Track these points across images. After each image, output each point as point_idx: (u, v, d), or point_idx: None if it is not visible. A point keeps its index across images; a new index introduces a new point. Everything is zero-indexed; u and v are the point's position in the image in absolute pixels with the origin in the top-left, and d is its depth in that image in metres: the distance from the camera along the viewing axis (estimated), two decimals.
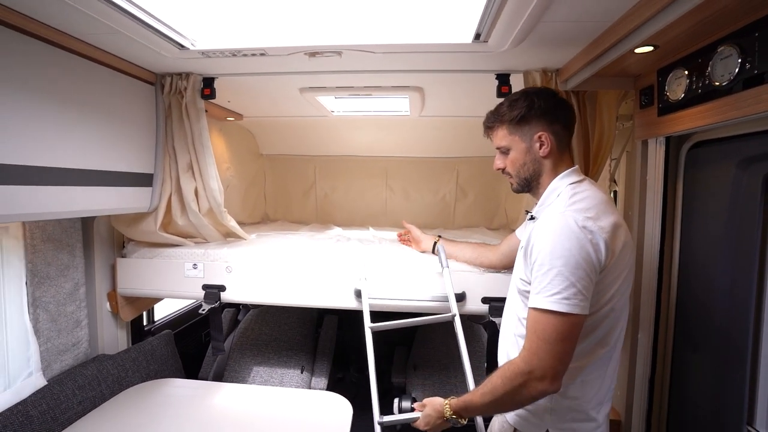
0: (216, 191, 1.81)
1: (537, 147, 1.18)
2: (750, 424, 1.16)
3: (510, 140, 1.22)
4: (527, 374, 1.01)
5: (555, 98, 1.21)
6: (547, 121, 1.17)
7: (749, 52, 0.99)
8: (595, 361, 1.10)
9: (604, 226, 1.03)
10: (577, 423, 1.12)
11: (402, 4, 1.10)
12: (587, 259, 0.99)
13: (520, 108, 1.18)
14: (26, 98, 1.18)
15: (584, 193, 1.11)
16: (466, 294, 1.72)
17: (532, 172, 1.21)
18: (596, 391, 1.12)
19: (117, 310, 1.91)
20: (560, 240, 1.01)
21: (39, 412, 1.46)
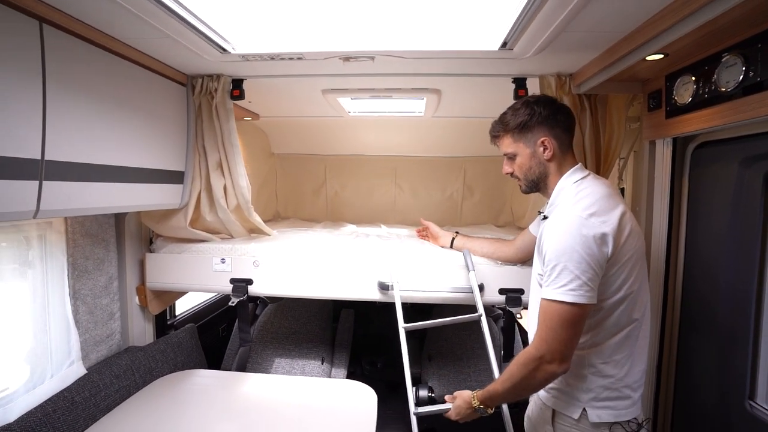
0: (244, 188, 1.89)
1: (541, 151, 1.30)
2: (751, 398, 1.27)
3: (515, 147, 1.34)
4: (539, 359, 1.14)
5: (554, 104, 1.32)
6: (547, 126, 1.29)
7: (752, 61, 1.10)
8: (621, 341, 1.19)
9: (606, 220, 1.13)
10: (613, 401, 1.20)
11: (434, 12, 1.20)
12: (591, 254, 1.10)
13: (522, 116, 1.30)
14: (74, 98, 1.24)
15: (587, 190, 1.21)
16: (485, 286, 1.82)
17: (538, 175, 1.33)
18: (629, 369, 1.20)
19: (146, 304, 1.98)
20: (565, 238, 1.12)
21: (82, 398, 1.54)
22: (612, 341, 1.20)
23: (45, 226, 1.50)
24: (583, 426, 1.22)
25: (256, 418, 1.59)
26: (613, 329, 1.19)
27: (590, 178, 1.27)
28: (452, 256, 1.91)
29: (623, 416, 1.20)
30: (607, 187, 1.24)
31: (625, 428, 1.20)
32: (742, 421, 1.27)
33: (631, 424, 1.20)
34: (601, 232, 1.11)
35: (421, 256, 1.91)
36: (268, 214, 3.31)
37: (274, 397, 1.77)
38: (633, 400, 1.22)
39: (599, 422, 1.19)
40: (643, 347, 1.25)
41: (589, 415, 1.20)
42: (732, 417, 1.31)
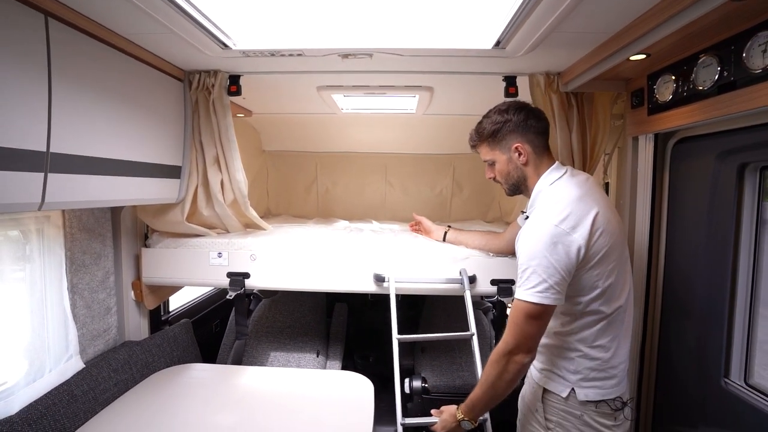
0: (242, 183, 1.91)
1: (516, 156, 1.37)
2: (726, 376, 1.37)
3: (492, 154, 1.42)
4: (508, 353, 1.24)
5: (525, 110, 1.37)
6: (519, 133, 1.36)
7: (726, 62, 1.18)
8: (605, 327, 1.27)
9: (576, 226, 1.20)
10: (600, 381, 1.27)
11: (432, 11, 1.25)
12: (559, 260, 1.18)
13: (495, 125, 1.38)
14: (78, 91, 1.25)
15: (560, 194, 1.28)
16: (477, 277, 1.89)
17: (517, 178, 1.40)
18: (614, 351, 1.28)
19: (141, 299, 1.98)
20: (536, 244, 1.21)
21: (82, 392, 1.54)
22: (596, 328, 1.27)
23: (43, 220, 1.50)
24: (571, 404, 1.30)
25: (255, 409, 1.61)
26: (595, 318, 1.27)
27: (565, 179, 1.33)
28: (445, 248, 1.97)
29: (609, 395, 1.28)
30: (580, 187, 1.29)
31: (610, 406, 1.28)
32: (718, 396, 1.37)
33: (616, 402, 1.28)
34: (570, 239, 1.19)
35: (414, 249, 1.96)
36: (259, 212, 3.28)
37: (272, 389, 1.80)
38: (618, 380, 1.29)
39: (586, 400, 1.27)
40: (628, 330, 1.33)
41: (577, 393, 1.28)
42: (709, 393, 1.40)
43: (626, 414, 1.30)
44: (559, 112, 1.76)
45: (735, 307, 1.38)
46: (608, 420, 1.28)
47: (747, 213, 1.32)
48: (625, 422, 1.30)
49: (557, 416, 1.32)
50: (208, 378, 1.89)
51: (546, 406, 1.34)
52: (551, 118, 1.77)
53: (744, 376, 1.33)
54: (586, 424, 1.28)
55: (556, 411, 1.32)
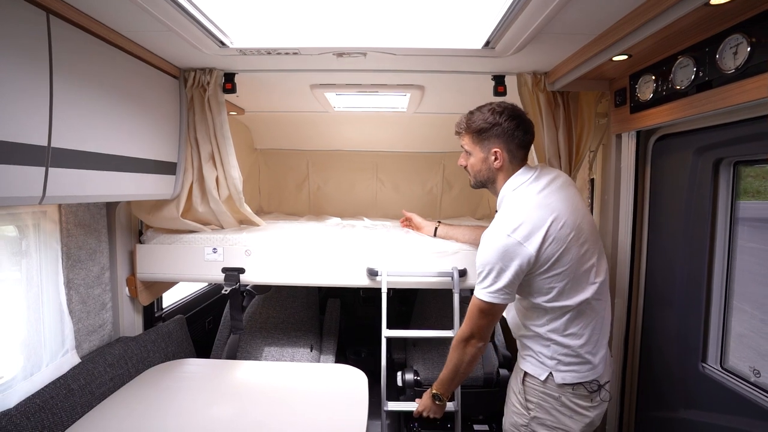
0: (236, 179, 1.94)
1: (492, 159, 1.43)
2: (704, 361, 1.44)
3: (472, 147, 1.48)
4: (465, 340, 1.43)
5: (517, 119, 1.41)
6: (503, 140, 1.41)
7: (702, 63, 1.25)
8: (573, 317, 1.35)
9: (528, 236, 1.28)
10: (575, 366, 1.36)
11: (425, 11, 1.29)
12: (509, 266, 1.29)
13: (484, 123, 1.42)
14: (78, 87, 1.26)
15: (518, 202, 1.36)
16: (467, 270, 1.94)
17: (486, 178, 1.48)
18: (586, 338, 1.36)
19: (136, 294, 1.99)
20: (490, 250, 1.32)
21: (78, 386, 1.55)
22: (564, 319, 1.36)
23: (39, 215, 1.51)
24: (549, 386, 1.38)
25: (250, 402, 1.64)
26: (561, 311, 1.35)
27: (526, 185, 1.39)
28: (436, 243, 2.02)
29: (585, 378, 1.36)
30: (540, 193, 1.36)
31: (587, 388, 1.37)
32: (696, 380, 1.44)
33: (592, 385, 1.37)
34: (521, 249, 1.28)
35: (406, 244, 2.01)
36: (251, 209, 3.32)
37: (267, 383, 1.83)
38: (593, 365, 1.37)
39: (563, 383, 1.36)
40: (604, 320, 1.42)
41: (555, 377, 1.37)
42: (688, 377, 1.48)
43: (603, 396, 1.39)
44: (546, 110, 1.82)
45: (711, 296, 1.45)
46: (585, 401, 1.36)
47: (722, 206, 1.39)
48: (601, 404, 1.39)
49: (537, 398, 1.41)
50: (202, 372, 1.91)
51: (526, 388, 1.43)
52: (538, 116, 1.84)
53: (720, 361, 1.40)
54: (564, 405, 1.37)
55: (536, 393, 1.41)
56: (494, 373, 2.35)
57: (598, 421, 1.42)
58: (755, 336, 1.40)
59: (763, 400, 1.21)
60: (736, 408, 1.29)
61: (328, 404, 1.65)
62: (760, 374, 1.28)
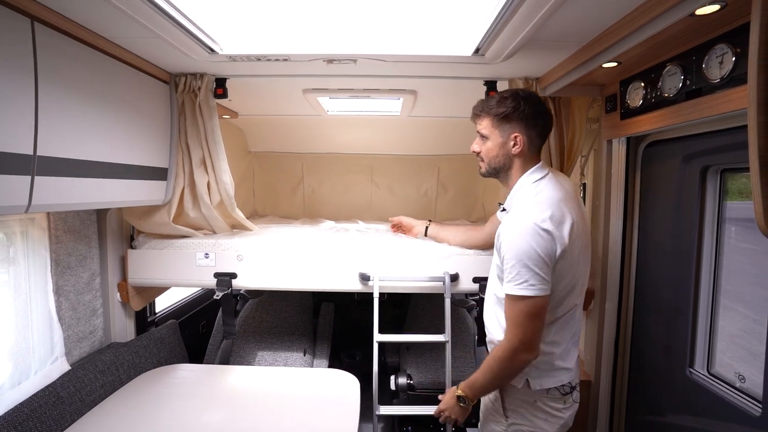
0: (228, 184, 1.93)
1: (511, 145, 1.38)
2: (691, 366, 1.45)
3: (490, 131, 1.41)
4: (512, 351, 1.28)
5: (539, 106, 1.39)
6: (525, 125, 1.37)
7: (689, 71, 1.26)
8: (562, 325, 1.36)
9: (559, 225, 1.25)
10: (551, 371, 1.36)
11: (414, 19, 1.29)
12: (546, 253, 1.23)
13: (507, 107, 1.36)
14: (64, 95, 1.26)
15: (543, 194, 1.32)
16: (459, 275, 1.95)
17: (501, 165, 1.42)
18: (564, 346, 1.37)
19: (127, 300, 1.98)
20: (524, 239, 1.24)
21: (68, 393, 1.54)
22: (553, 327, 1.34)
23: (27, 222, 1.50)
24: (524, 391, 1.39)
25: (243, 408, 1.64)
26: (554, 315, 1.33)
27: (547, 179, 1.37)
28: (428, 247, 2.02)
29: (558, 382, 1.37)
30: (561, 190, 1.35)
31: (560, 391, 1.38)
32: (684, 385, 1.45)
33: (565, 388, 1.38)
34: (554, 236, 1.24)
35: (398, 249, 2.01)
36: (245, 212, 3.27)
37: (260, 388, 1.82)
38: (568, 370, 1.39)
39: (539, 389, 1.36)
40: (577, 324, 1.42)
41: (531, 384, 1.36)
42: (676, 382, 1.49)
43: (575, 397, 1.41)
44: None
45: (699, 302, 1.46)
46: (558, 403, 1.38)
47: (709, 213, 1.40)
48: (573, 404, 1.41)
49: (513, 404, 1.42)
50: (195, 378, 1.90)
51: (503, 395, 1.43)
52: None
53: (707, 366, 1.42)
54: (539, 409, 1.38)
55: (513, 399, 1.42)
56: None
57: (570, 422, 1.43)
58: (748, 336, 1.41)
59: (747, 405, 1.22)
60: (722, 413, 1.30)
61: (319, 409, 1.65)
62: (745, 380, 1.29)
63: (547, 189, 1.34)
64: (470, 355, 2.48)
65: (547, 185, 1.35)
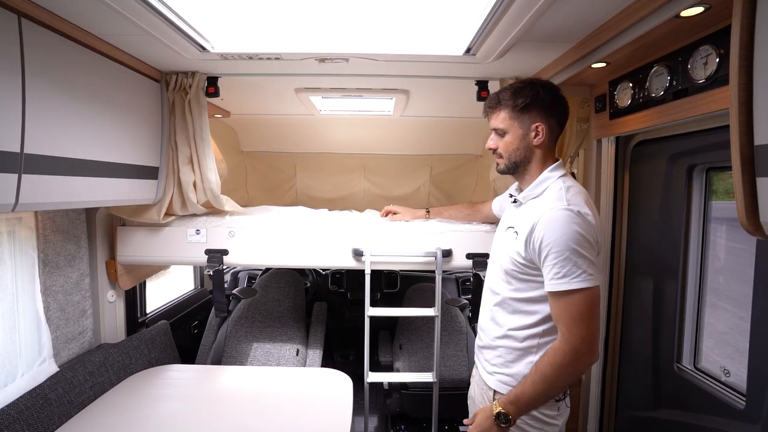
0: (213, 183, 1.89)
1: (532, 136, 1.30)
2: (678, 361, 1.48)
3: (509, 124, 1.32)
4: (575, 353, 1.14)
5: (556, 94, 1.32)
6: (546, 114, 1.29)
7: (675, 71, 1.29)
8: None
9: (593, 215, 1.21)
10: None
11: (405, 18, 1.30)
12: (592, 242, 1.16)
13: (525, 97, 1.28)
14: (52, 92, 1.24)
15: (575, 188, 1.26)
16: (453, 251, 1.96)
17: (522, 158, 1.33)
18: None
19: (116, 278, 1.95)
20: (572, 229, 1.14)
21: (56, 395, 1.52)
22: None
23: (14, 221, 1.48)
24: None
25: (236, 408, 1.63)
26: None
27: (570, 177, 1.32)
28: (422, 224, 2.02)
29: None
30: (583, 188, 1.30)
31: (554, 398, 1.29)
32: (671, 379, 1.48)
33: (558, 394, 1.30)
34: (594, 227, 1.19)
35: (393, 226, 2.02)
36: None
37: (252, 388, 1.81)
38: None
39: None
40: None
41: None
42: (664, 377, 1.51)
43: (567, 402, 1.35)
44: None
45: (686, 298, 1.49)
46: (552, 411, 1.30)
47: (695, 211, 1.43)
48: (565, 410, 1.35)
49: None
50: (187, 378, 1.89)
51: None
52: None
53: (693, 361, 1.44)
54: (534, 417, 1.30)
55: None
56: None
57: (563, 429, 1.38)
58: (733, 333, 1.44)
59: (732, 399, 1.25)
60: (708, 407, 1.33)
61: (312, 408, 1.65)
62: (729, 374, 1.32)
63: (576, 185, 1.29)
64: (463, 353, 2.49)
65: (574, 183, 1.29)
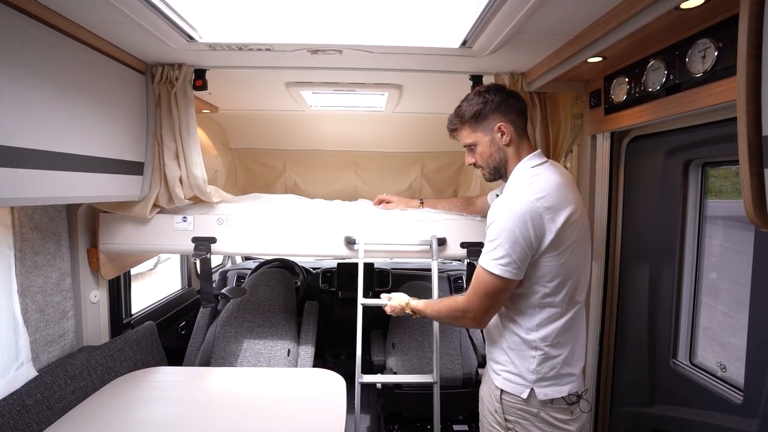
0: (199, 179, 1.82)
1: (499, 137, 1.36)
2: (674, 357, 1.48)
3: (474, 136, 1.40)
4: (463, 312, 1.35)
5: (505, 91, 1.39)
6: (501, 112, 1.36)
7: (672, 66, 1.27)
8: (567, 324, 1.29)
9: (551, 208, 1.21)
10: (557, 379, 1.29)
11: (401, 9, 1.27)
12: (526, 236, 1.20)
13: (477, 105, 1.36)
14: (28, 81, 1.17)
15: (540, 176, 1.29)
16: (447, 239, 1.93)
17: (499, 160, 1.39)
18: (571, 348, 1.31)
19: (98, 268, 1.87)
20: (508, 218, 1.22)
21: (34, 401, 1.45)
22: (557, 324, 1.28)
23: None
24: (532, 403, 1.31)
25: (225, 410, 1.58)
26: (555, 312, 1.28)
27: (547, 165, 1.34)
28: (416, 212, 1.98)
29: (565, 391, 1.30)
30: (562, 176, 1.31)
31: (566, 401, 1.30)
32: (667, 375, 1.48)
33: (571, 397, 1.31)
34: (543, 218, 1.20)
35: (386, 214, 1.98)
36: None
37: (243, 389, 1.76)
38: (575, 376, 1.33)
39: (545, 399, 1.29)
40: (583, 326, 1.38)
41: (537, 393, 1.29)
42: (660, 373, 1.51)
43: (582, 406, 1.33)
44: None
45: (682, 293, 1.49)
46: (564, 415, 1.30)
47: (691, 206, 1.43)
48: (581, 415, 1.33)
49: (515, 415, 1.34)
50: (174, 381, 1.83)
51: (504, 407, 1.35)
52: None
53: (689, 356, 1.44)
54: (544, 420, 1.29)
55: (514, 411, 1.33)
56: (473, 373, 2.36)
57: None
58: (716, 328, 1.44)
59: (729, 393, 1.24)
60: (705, 402, 1.33)
61: (305, 410, 1.61)
62: (726, 369, 1.32)
63: (546, 173, 1.30)
64: (456, 352, 2.47)
65: (546, 170, 1.32)
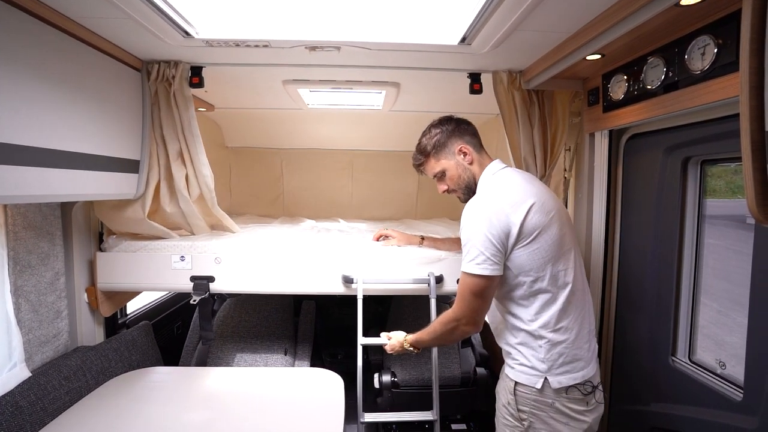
0: (208, 177, 1.84)
1: (461, 158, 1.46)
2: (673, 355, 1.48)
3: (440, 164, 1.49)
4: (456, 321, 1.37)
5: (454, 119, 1.52)
6: (458, 136, 1.47)
7: (671, 63, 1.28)
8: (564, 308, 1.29)
9: (511, 203, 1.28)
10: (569, 365, 1.29)
11: (399, 5, 1.26)
12: (494, 234, 1.26)
13: (435, 136, 1.48)
14: (23, 77, 1.16)
15: (501, 179, 1.39)
16: (444, 277, 1.92)
17: (468, 179, 1.48)
18: (577, 331, 1.31)
19: (97, 306, 1.86)
20: (473, 219, 1.30)
21: (28, 402, 1.43)
22: (552, 311, 1.29)
23: None
24: (546, 393, 1.30)
25: (222, 411, 1.55)
26: (547, 297, 1.30)
27: (508, 169, 1.44)
28: (413, 249, 1.95)
29: (579, 378, 1.29)
30: (522, 175, 1.41)
31: (581, 390, 1.29)
32: (666, 373, 1.47)
33: (586, 387, 1.30)
34: (506, 213, 1.27)
35: (382, 250, 1.96)
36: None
37: (240, 389, 1.74)
38: (586, 362, 1.32)
39: (560, 387, 1.29)
40: (590, 313, 1.38)
41: (551, 382, 1.28)
42: (658, 370, 1.51)
43: (597, 398, 1.33)
44: (521, 108, 1.83)
45: (681, 291, 1.49)
46: (580, 405, 1.29)
47: (690, 204, 1.43)
48: (598, 406, 1.33)
49: (529, 406, 1.33)
50: (170, 381, 1.81)
51: (518, 398, 1.35)
52: (513, 114, 1.85)
53: (688, 354, 1.44)
54: (559, 411, 1.29)
55: (528, 402, 1.33)
56: (471, 372, 2.35)
57: (596, 426, 1.35)
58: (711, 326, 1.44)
59: (728, 390, 1.25)
60: (705, 399, 1.33)
61: (303, 410, 1.59)
62: (725, 366, 1.32)
63: (506, 174, 1.41)
64: (455, 352, 2.46)
65: (506, 173, 1.42)
